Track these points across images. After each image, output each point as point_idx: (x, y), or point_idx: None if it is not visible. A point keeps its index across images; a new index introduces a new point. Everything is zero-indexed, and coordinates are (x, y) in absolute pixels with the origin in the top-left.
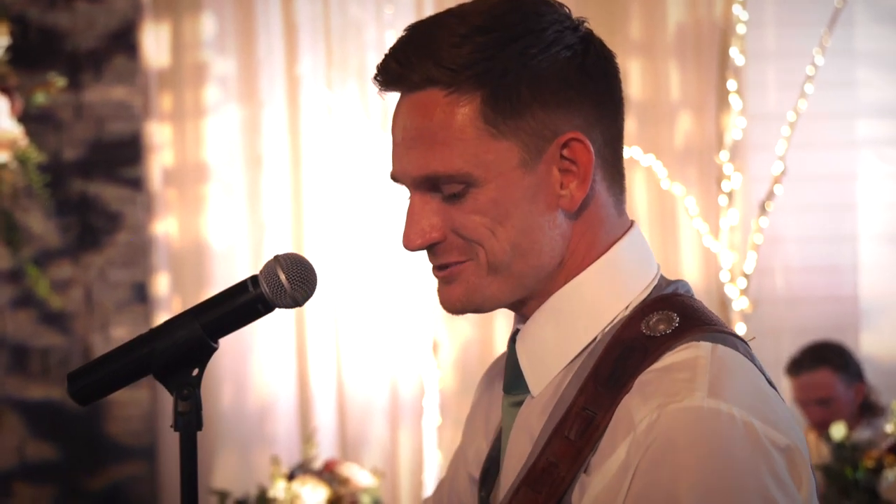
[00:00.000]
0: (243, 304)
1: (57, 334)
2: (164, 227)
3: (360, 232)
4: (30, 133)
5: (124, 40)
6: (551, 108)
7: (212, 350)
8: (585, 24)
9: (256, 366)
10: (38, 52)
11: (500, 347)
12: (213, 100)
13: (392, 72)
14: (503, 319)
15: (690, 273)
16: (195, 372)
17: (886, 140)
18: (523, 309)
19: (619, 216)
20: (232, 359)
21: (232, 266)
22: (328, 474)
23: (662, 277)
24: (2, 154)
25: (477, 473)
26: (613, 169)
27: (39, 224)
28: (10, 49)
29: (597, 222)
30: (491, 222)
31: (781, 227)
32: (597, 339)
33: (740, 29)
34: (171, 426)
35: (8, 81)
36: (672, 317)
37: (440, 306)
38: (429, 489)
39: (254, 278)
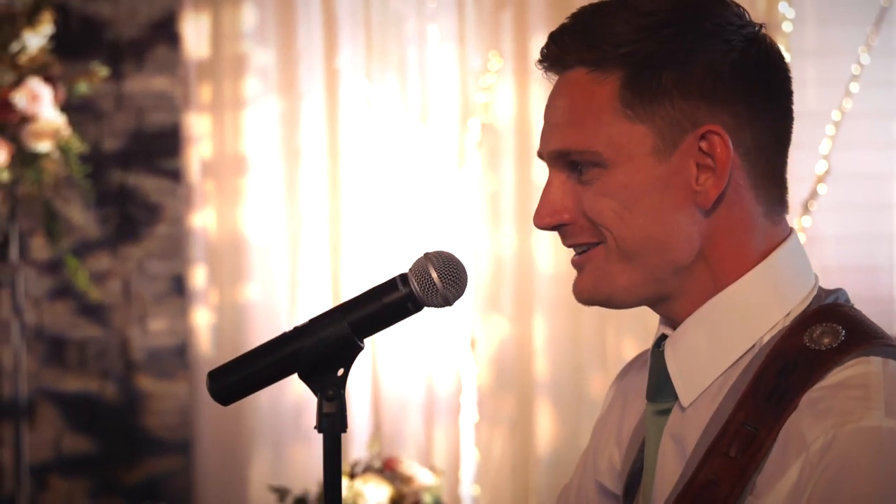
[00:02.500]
0: (392, 302)
1: (95, 326)
2: (202, 220)
3: (398, 225)
4: (71, 123)
5: (165, 30)
6: (694, 99)
7: (359, 350)
8: (762, 28)
9: None
10: (80, 41)
11: (539, 343)
12: (253, 91)
13: (551, 54)
14: (541, 315)
15: None
16: (340, 372)
17: None
18: (665, 309)
19: (772, 225)
20: None
21: (269, 258)
22: (389, 472)
23: (821, 288)
24: (45, 143)
25: (609, 483)
26: (765, 178)
27: (79, 215)
28: (52, 38)
29: (741, 228)
30: (619, 207)
31: (819, 226)
32: (754, 348)
33: (786, 27)
34: (315, 427)
35: (51, 70)
36: (837, 329)
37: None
38: (465, 487)
39: (403, 276)
